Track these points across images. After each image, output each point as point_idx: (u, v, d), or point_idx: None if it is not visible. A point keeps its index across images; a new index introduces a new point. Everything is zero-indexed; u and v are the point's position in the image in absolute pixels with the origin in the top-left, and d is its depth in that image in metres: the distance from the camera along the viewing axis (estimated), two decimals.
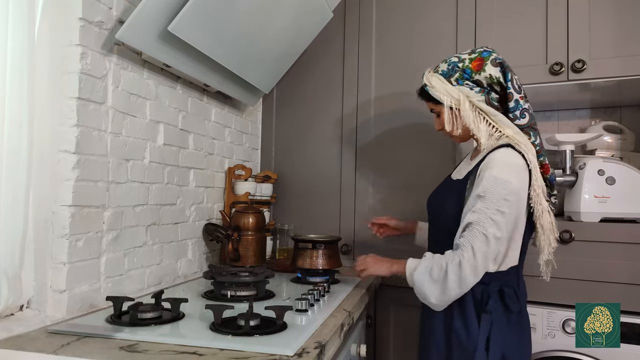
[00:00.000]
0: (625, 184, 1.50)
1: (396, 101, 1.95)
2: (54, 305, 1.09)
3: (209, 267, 1.41)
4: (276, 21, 1.65)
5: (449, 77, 1.23)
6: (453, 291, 1.10)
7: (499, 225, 1.08)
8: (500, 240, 1.10)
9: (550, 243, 1.19)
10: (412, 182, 1.90)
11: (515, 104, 1.18)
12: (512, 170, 1.12)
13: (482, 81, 1.20)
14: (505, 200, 1.09)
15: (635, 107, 1.90)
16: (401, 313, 1.88)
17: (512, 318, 1.17)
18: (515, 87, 1.19)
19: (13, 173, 1.03)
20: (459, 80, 1.22)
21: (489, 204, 1.09)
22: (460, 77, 1.21)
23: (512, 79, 1.19)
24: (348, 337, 1.26)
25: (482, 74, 1.19)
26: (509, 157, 1.13)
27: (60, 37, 1.12)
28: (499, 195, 1.09)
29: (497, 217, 1.08)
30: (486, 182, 1.11)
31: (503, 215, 1.08)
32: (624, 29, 1.61)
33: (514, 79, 1.19)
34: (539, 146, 1.19)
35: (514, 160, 1.13)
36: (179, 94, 1.55)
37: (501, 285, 1.16)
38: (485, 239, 1.08)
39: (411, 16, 1.94)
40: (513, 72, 1.20)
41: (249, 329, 0.97)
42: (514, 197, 1.10)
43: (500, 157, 1.14)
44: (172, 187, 1.52)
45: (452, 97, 1.22)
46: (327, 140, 2.08)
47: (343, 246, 1.97)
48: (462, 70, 1.21)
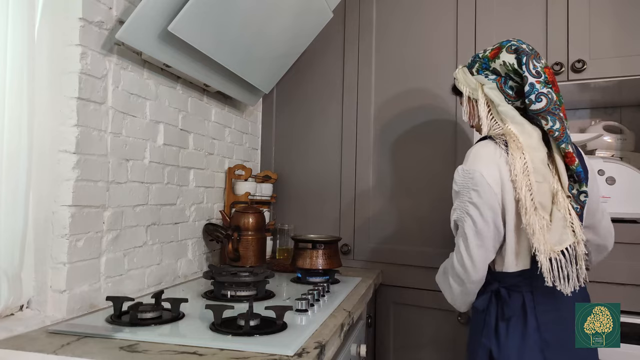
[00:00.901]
0: (625, 184, 1.50)
1: (396, 101, 1.95)
2: (54, 305, 1.09)
3: (209, 267, 1.41)
4: (276, 21, 1.65)
5: (471, 69, 1.24)
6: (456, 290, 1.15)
7: (473, 218, 1.09)
8: (479, 232, 1.09)
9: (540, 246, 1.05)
10: (412, 182, 1.90)
11: (530, 87, 1.11)
12: (481, 161, 1.11)
13: (498, 69, 1.18)
14: (475, 191, 1.09)
15: (635, 107, 1.90)
16: (401, 313, 1.88)
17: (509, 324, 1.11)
18: (532, 72, 1.12)
19: (13, 173, 1.03)
20: (479, 70, 1.22)
21: (462, 198, 1.11)
22: (480, 67, 1.22)
23: (528, 62, 1.12)
24: (348, 337, 1.26)
25: (497, 61, 1.17)
26: (480, 148, 1.13)
27: (60, 37, 1.12)
28: (467, 188, 1.10)
29: (470, 210, 1.09)
30: (457, 176, 1.14)
31: (475, 206, 1.09)
32: (624, 29, 1.61)
33: (532, 63, 1.13)
34: (558, 132, 1.10)
35: (482, 151, 1.12)
36: (179, 94, 1.55)
37: (500, 286, 1.14)
38: (464, 235, 1.11)
39: (411, 16, 1.94)
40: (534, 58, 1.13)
41: (249, 329, 0.97)
42: (484, 187, 1.08)
43: (472, 150, 1.15)
44: (172, 187, 1.52)
45: (470, 87, 1.22)
46: (327, 140, 2.08)
47: (343, 246, 1.97)
48: (481, 60, 1.21)
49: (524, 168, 1.08)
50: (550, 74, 1.14)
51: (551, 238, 1.07)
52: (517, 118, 1.15)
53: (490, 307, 1.15)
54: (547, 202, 1.10)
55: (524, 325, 1.10)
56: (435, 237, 1.83)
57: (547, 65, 1.15)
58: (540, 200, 1.08)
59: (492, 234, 1.10)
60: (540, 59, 1.16)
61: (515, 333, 1.10)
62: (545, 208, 1.09)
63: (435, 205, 1.84)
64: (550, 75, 1.13)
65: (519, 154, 1.08)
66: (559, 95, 1.15)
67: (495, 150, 1.11)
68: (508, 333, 1.11)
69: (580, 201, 1.11)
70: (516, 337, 1.10)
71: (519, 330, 1.10)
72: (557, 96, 1.14)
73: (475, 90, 1.22)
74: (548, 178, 1.11)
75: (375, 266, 1.93)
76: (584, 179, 1.11)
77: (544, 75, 1.12)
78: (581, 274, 1.09)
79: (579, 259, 1.09)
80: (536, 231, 1.06)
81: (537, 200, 1.08)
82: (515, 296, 1.12)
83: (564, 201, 1.10)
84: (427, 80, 1.89)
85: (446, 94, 1.86)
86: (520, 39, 1.20)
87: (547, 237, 1.06)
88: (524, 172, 1.08)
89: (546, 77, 1.12)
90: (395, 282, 1.89)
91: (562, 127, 1.11)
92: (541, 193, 1.09)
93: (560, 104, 1.14)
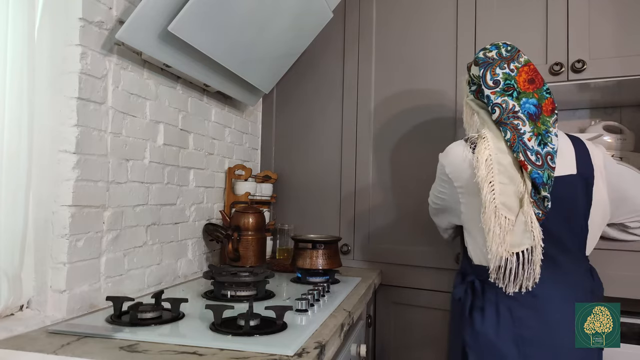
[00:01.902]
0: None
1: (396, 101, 1.95)
2: (54, 305, 1.09)
3: (209, 267, 1.41)
4: (276, 21, 1.65)
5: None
6: None
7: (431, 196, 1.36)
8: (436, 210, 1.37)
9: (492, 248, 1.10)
10: (412, 182, 1.90)
11: (486, 99, 1.19)
12: (448, 156, 1.22)
13: (473, 79, 1.26)
14: (440, 179, 1.27)
15: (635, 107, 1.90)
16: (401, 313, 1.88)
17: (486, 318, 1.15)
18: (489, 83, 1.18)
19: (13, 173, 1.03)
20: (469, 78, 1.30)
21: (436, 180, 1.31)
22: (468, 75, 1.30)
23: (485, 74, 1.19)
24: (348, 337, 1.26)
25: (470, 73, 1.27)
26: (452, 146, 1.24)
27: (60, 37, 1.12)
28: (437, 175, 1.29)
29: (432, 190, 1.35)
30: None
31: (435, 189, 1.32)
32: (624, 29, 1.61)
33: (491, 73, 1.19)
34: (510, 141, 1.14)
35: (452, 149, 1.23)
36: (179, 94, 1.55)
37: (476, 279, 1.21)
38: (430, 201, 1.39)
39: (411, 16, 1.94)
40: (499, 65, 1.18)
41: (249, 329, 0.97)
42: (446, 178, 1.23)
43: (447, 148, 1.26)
44: (172, 187, 1.52)
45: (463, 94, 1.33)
46: (327, 140, 2.08)
47: (343, 246, 1.97)
48: (468, 69, 1.29)
49: (489, 169, 1.12)
50: (529, 72, 1.19)
51: (512, 239, 1.11)
52: (489, 123, 1.20)
53: (465, 297, 1.22)
54: (513, 204, 1.12)
55: (496, 318, 1.15)
56: (436, 237, 1.82)
57: (527, 62, 1.20)
58: (504, 202, 1.11)
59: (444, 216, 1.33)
60: (519, 58, 1.20)
61: (488, 323, 1.16)
62: (511, 209, 1.12)
63: None
64: (526, 74, 1.18)
65: (485, 155, 1.13)
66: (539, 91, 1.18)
67: (462, 151, 1.19)
68: (483, 323, 1.16)
69: (542, 206, 1.12)
70: (490, 327, 1.15)
71: (493, 322, 1.15)
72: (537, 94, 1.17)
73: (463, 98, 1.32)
74: (515, 180, 1.13)
75: (375, 266, 1.93)
76: (539, 184, 1.11)
77: (502, 83, 1.17)
78: (532, 276, 1.13)
79: (533, 263, 1.12)
80: (491, 230, 1.11)
81: (500, 201, 1.11)
82: (488, 289, 1.17)
83: (527, 206, 1.12)
84: (427, 79, 1.89)
85: (446, 93, 1.86)
86: (506, 42, 1.24)
87: (507, 238, 1.10)
88: (488, 173, 1.12)
89: (505, 85, 1.17)
90: (395, 282, 1.89)
91: (513, 137, 1.14)
92: (506, 195, 1.12)
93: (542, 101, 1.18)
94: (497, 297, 1.16)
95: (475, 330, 1.17)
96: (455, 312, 1.26)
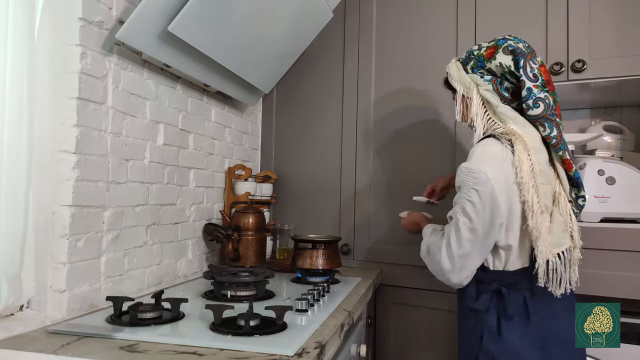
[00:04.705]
0: (625, 184, 1.50)
1: (396, 100, 1.95)
2: (54, 305, 1.09)
3: (209, 267, 1.41)
4: (276, 21, 1.65)
5: (465, 65, 1.23)
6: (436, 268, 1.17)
7: (469, 215, 1.08)
8: (475, 230, 1.08)
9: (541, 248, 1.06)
10: (412, 182, 1.90)
11: (527, 92, 1.11)
12: (486, 161, 1.09)
13: (494, 70, 1.17)
14: (475, 190, 1.08)
15: (635, 107, 1.90)
16: (401, 313, 1.88)
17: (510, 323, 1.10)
18: (529, 75, 1.11)
19: (13, 173, 1.03)
20: (473, 68, 1.20)
21: (462, 195, 1.11)
22: (475, 65, 1.20)
23: (525, 65, 1.12)
24: (348, 337, 1.26)
25: (493, 62, 1.16)
26: (484, 148, 1.12)
27: (60, 37, 1.12)
28: (468, 186, 1.09)
29: (467, 207, 1.09)
30: (460, 173, 1.13)
31: (472, 205, 1.08)
32: (624, 29, 1.61)
33: (530, 65, 1.12)
34: (555, 139, 1.11)
35: (489, 151, 1.10)
36: (179, 94, 1.55)
37: (501, 286, 1.13)
38: (457, 229, 1.10)
39: (411, 16, 1.94)
40: (531, 58, 1.13)
41: (249, 329, 0.97)
42: (485, 187, 1.07)
43: (476, 148, 1.13)
44: (172, 187, 1.52)
45: (464, 85, 1.21)
46: (327, 140, 2.08)
47: (343, 246, 1.97)
48: (477, 58, 1.20)
49: (531, 169, 1.08)
50: (546, 72, 1.14)
51: (551, 240, 1.08)
52: (519, 119, 1.14)
53: (490, 307, 1.13)
54: (549, 204, 1.11)
55: (524, 324, 1.10)
56: None
57: (542, 63, 1.15)
58: (545, 203, 1.09)
59: (482, 238, 1.09)
60: (537, 57, 1.15)
61: (516, 331, 1.10)
62: (548, 210, 1.10)
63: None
64: (545, 74, 1.13)
65: (525, 155, 1.08)
66: (554, 94, 1.15)
67: (502, 150, 1.09)
68: (509, 332, 1.10)
69: (579, 205, 1.14)
70: (517, 335, 1.10)
71: (519, 329, 1.10)
72: (552, 96, 1.14)
73: (470, 89, 1.20)
74: (551, 180, 1.12)
75: (375, 266, 1.92)
76: (581, 184, 1.13)
77: (540, 77, 1.12)
78: (573, 277, 1.11)
79: (573, 263, 1.11)
80: (542, 233, 1.07)
81: (543, 203, 1.08)
82: (515, 295, 1.12)
83: (566, 205, 1.12)
84: (427, 79, 1.88)
85: (447, 94, 1.86)
86: (517, 36, 1.20)
87: (548, 239, 1.07)
88: (531, 173, 1.07)
89: (542, 80, 1.12)
90: (395, 282, 1.89)
91: (559, 134, 1.12)
92: (545, 195, 1.10)
93: (555, 104, 1.14)
94: (526, 301, 1.11)
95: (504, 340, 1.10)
96: (477, 324, 1.15)
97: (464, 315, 1.22)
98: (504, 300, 1.12)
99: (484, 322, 1.14)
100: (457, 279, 1.13)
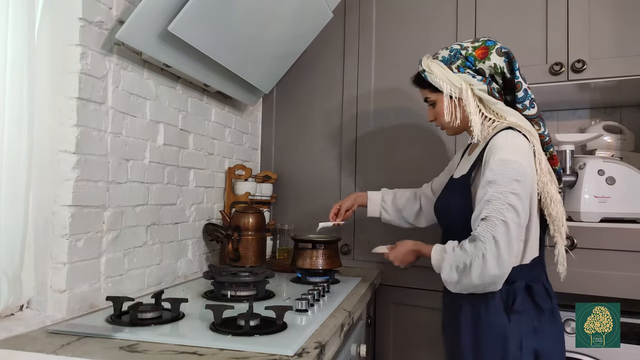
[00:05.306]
0: (625, 184, 1.50)
1: (396, 101, 1.95)
2: (54, 305, 1.09)
3: (209, 267, 1.41)
4: (276, 21, 1.65)
5: (450, 64, 1.20)
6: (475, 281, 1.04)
7: (516, 208, 1.02)
8: (521, 226, 1.04)
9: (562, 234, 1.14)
10: (412, 182, 1.90)
11: (524, 93, 1.15)
12: (518, 151, 1.07)
13: (485, 70, 1.17)
14: (517, 182, 1.03)
15: (635, 107, 1.90)
16: (401, 313, 1.88)
17: (544, 317, 1.10)
18: (523, 77, 1.17)
19: (13, 173, 1.03)
20: (460, 67, 1.18)
21: (501, 189, 1.03)
22: (462, 64, 1.18)
23: (519, 68, 1.17)
24: (348, 337, 1.26)
25: (487, 62, 1.16)
26: (512, 139, 1.09)
27: (60, 37, 1.12)
28: (509, 178, 1.03)
29: (512, 200, 1.02)
30: (494, 166, 1.06)
31: (518, 197, 1.02)
32: (624, 29, 1.61)
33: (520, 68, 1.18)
34: (548, 137, 1.18)
35: (517, 141, 1.09)
36: (179, 94, 1.55)
37: (528, 282, 1.10)
38: (505, 226, 1.01)
39: (411, 16, 1.94)
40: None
41: (249, 329, 0.97)
42: (525, 177, 1.04)
43: (503, 139, 1.09)
44: (172, 187, 1.52)
45: (453, 85, 1.18)
46: (327, 140, 2.08)
47: (343, 246, 1.97)
48: (465, 58, 1.18)
49: (546, 161, 1.14)
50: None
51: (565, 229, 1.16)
52: (518, 114, 1.17)
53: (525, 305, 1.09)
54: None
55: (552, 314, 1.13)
56: (436, 236, 1.82)
57: None
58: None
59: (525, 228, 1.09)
60: None
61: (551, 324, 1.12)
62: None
63: None
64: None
65: (540, 148, 1.13)
66: None
67: (525, 140, 1.11)
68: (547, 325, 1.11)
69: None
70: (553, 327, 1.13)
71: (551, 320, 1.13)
72: None
73: (461, 89, 1.18)
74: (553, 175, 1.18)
75: (375, 266, 1.92)
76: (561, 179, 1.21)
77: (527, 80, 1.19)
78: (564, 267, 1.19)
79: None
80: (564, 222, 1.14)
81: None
82: (539, 287, 1.12)
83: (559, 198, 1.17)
84: None
85: None
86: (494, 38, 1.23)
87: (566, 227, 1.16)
88: (547, 164, 1.13)
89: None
90: (395, 282, 1.89)
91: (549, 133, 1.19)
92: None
93: None
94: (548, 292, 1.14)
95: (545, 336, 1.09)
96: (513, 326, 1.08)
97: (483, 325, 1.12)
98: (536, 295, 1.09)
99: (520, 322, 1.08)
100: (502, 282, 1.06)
